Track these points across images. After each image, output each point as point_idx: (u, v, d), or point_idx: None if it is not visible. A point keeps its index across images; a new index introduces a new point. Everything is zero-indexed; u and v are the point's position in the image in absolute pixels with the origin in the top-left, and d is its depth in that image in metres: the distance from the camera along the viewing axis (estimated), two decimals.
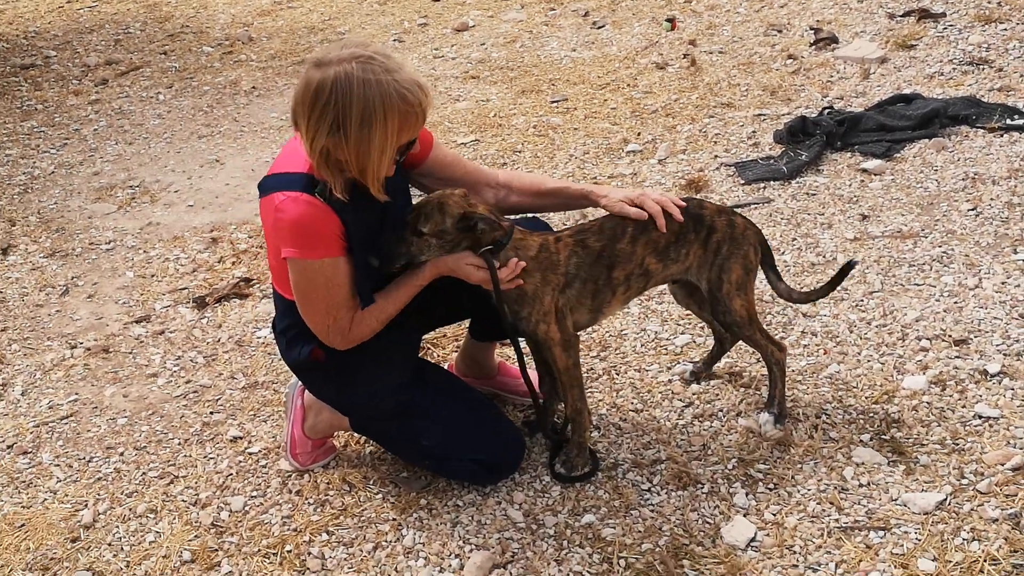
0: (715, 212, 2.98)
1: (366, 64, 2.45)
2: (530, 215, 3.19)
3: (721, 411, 3.25)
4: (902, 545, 2.62)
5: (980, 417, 3.05)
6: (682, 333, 3.69)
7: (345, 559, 2.82)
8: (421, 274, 2.79)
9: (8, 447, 3.49)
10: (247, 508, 3.07)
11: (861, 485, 2.85)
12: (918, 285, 3.78)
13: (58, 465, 3.37)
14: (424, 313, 2.99)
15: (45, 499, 3.21)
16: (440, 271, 2.79)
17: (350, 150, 2.49)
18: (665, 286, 3.48)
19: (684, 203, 2.94)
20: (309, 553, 2.85)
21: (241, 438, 3.40)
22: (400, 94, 2.47)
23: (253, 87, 7.46)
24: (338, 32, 8.61)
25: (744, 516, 2.79)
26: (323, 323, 2.73)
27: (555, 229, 3.07)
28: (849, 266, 3.05)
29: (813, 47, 6.36)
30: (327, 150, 2.52)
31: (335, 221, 2.61)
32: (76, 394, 3.78)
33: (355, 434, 3.26)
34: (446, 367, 3.45)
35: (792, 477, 2.91)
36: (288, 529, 2.95)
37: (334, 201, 2.59)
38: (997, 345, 3.36)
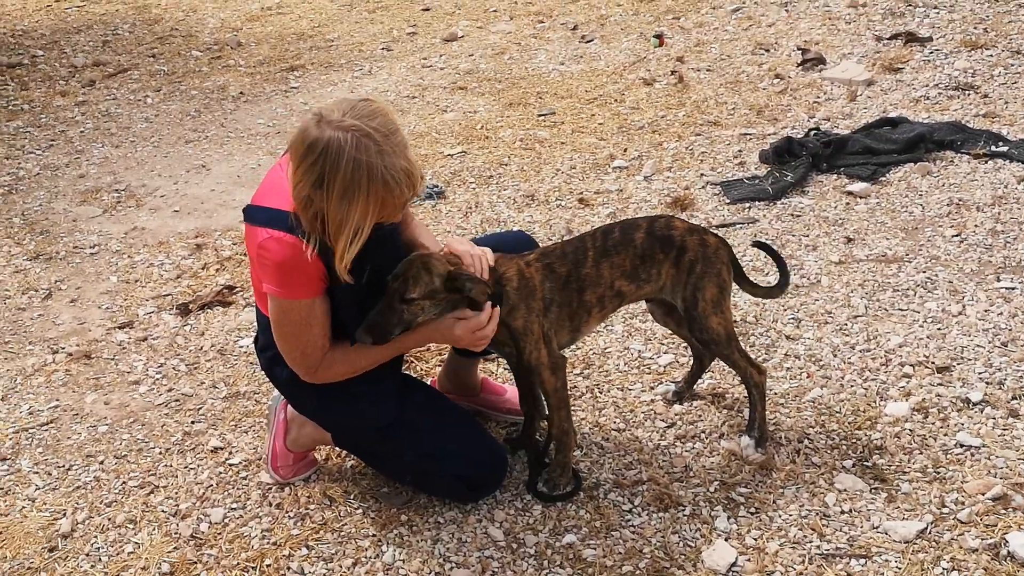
0: (686, 231, 2.99)
1: (361, 140, 2.43)
2: (515, 229, 3.19)
3: (703, 432, 3.26)
4: (883, 574, 2.63)
5: (962, 446, 3.06)
6: (665, 352, 3.69)
7: (324, 575, 2.81)
8: (410, 336, 2.80)
9: None
10: (227, 520, 3.05)
11: (843, 512, 2.86)
12: (902, 310, 3.80)
13: (37, 472, 3.34)
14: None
15: (23, 507, 3.17)
16: (430, 339, 2.83)
17: (329, 213, 2.50)
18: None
19: (646, 223, 2.98)
20: (288, 568, 2.83)
21: (222, 449, 3.38)
22: (384, 180, 2.46)
23: (241, 92, 7.44)
24: (327, 39, 8.60)
25: (725, 540, 2.79)
26: (292, 354, 2.76)
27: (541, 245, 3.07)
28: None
29: (800, 67, 6.40)
30: (310, 199, 2.52)
31: (317, 262, 2.62)
32: (57, 400, 3.75)
33: (337, 448, 3.25)
34: (429, 382, 3.45)
35: (774, 502, 2.92)
36: (267, 543, 2.94)
37: (317, 242, 2.59)
38: (979, 373, 3.38)
